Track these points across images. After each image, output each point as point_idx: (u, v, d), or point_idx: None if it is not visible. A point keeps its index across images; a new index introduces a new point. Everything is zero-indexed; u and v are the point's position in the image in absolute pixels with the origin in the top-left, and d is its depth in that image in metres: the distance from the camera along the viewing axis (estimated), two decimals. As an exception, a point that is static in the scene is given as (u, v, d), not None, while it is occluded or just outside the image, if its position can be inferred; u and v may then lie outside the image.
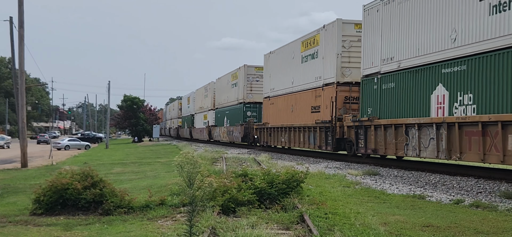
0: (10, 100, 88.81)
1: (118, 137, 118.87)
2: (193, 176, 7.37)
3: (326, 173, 19.53)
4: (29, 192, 13.65)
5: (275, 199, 11.64)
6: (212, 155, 29.80)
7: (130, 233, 9.19)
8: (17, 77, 31.15)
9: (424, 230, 9.19)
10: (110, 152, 48.31)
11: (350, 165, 23.36)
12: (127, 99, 73.65)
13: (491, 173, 17.14)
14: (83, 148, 56.28)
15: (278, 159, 28.82)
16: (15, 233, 9.45)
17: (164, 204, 11.50)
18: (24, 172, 25.34)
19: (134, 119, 72.85)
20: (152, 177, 19.91)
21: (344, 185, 16.04)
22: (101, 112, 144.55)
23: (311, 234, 8.58)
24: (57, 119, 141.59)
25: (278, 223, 9.73)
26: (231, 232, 8.50)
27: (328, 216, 10.08)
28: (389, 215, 10.72)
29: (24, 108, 29.06)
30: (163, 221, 10.26)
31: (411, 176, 18.03)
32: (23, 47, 28.61)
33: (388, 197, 13.56)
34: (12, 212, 11.77)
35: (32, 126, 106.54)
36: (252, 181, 12.42)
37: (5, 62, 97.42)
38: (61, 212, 11.14)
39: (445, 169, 18.77)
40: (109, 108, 71.69)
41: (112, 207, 11.00)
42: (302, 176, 12.67)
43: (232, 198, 11.02)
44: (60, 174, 12.11)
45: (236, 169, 17.78)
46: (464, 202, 12.50)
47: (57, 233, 9.32)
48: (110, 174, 21.58)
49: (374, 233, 8.64)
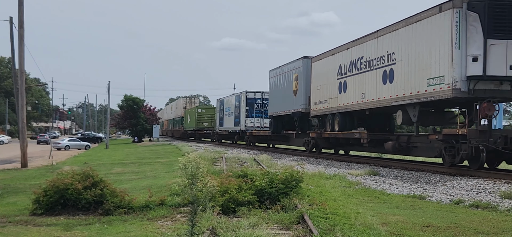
0: (10, 100, 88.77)
1: (118, 137, 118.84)
2: (196, 177, 7.44)
3: (326, 173, 19.52)
4: (29, 192, 13.64)
5: (275, 199, 11.64)
6: (212, 155, 29.79)
7: (130, 233, 9.19)
8: (17, 77, 31.15)
9: (424, 230, 9.19)
10: (110, 152, 48.31)
11: (350, 165, 23.37)
12: (127, 99, 73.67)
13: (491, 173, 17.13)
14: (83, 148, 56.25)
15: (278, 159, 28.83)
16: (15, 233, 9.45)
17: (164, 204, 11.50)
18: (24, 172, 25.34)
19: (134, 118, 72.84)
20: (152, 177, 19.91)
21: (344, 185, 16.04)
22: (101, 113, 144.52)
23: (311, 234, 8.58)
24: (57, 119, 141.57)
25: (278, 223, 9.73)
26: (231, 232, 8.50)
27: (328, 216, 10.07)
28: (389, 215, 10.72)
29: (24, 109, 29.05)
30: (163, 221, 10.26)
31: (411, 176, 18.03)
32: (23, 47, 28.61)
33: (388, 197, 13.56)
34: (12, 212, 11.77)
35: (32, 126, 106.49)
36: (252, 180, 12.41)
37: (5, 62, 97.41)
38: (61, 212, 11.14)
39: (445, 169, 18.77)
40: (109, 108, 71.67)
41: (112, 207, 11.00)
42: (300, 175, 12.65)
43: (232, 198, 11.03)
44: (60, 174, 12.11)
45: (236, 169, 17.79)
46: (464, 202, 12.50)
47: (57, 233, 9.32)
48: (110, 174, 21.58)
49: (374, 233, 8.64)
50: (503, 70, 16.77)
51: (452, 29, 16.91)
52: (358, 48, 23.92)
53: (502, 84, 17.13)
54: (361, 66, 23.46)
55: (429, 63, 18.34)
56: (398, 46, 20.42)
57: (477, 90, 17.02)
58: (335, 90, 26.14)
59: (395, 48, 20.66)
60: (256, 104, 42.84)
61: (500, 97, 17.66)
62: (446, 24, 17.30)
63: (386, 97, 21.25)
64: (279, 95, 34.57)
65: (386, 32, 21.47)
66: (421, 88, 18.76)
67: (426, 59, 18.52)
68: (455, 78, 16.98)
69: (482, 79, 16.79)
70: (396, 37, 20.61)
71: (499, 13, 16.66)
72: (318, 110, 28.40)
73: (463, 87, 16.98)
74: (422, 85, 18.71)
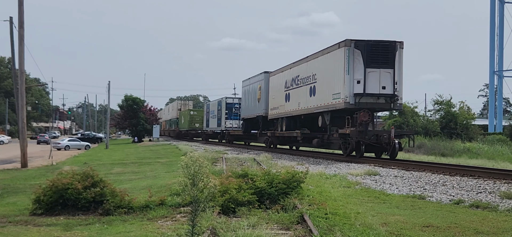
0: (10, 100, 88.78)
1: (118, 137, 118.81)
2: (198, 177, 7.42)
3: (326, 173, 19.51)
4: (29, 192, 13.64)
5: (275, 199, 11.63)
6: (212, 155, 29.78)
7: (130, 233, 9.19)
8: (17, 77, 31.15)
9: (424, 230, 9.19)
10: (110, 152, 48.30)
11: (350, 165, 23.38)
12: (127, 98, 73.75)
13: (491, 173, 17.15)
14: (83, 148, 56.27)
15: (278, 159, 28.82)
16: (15, 233, 9.45)
17: (164, 204, 11.48)
18: (24, 172, 25.35)
19: (135, 118, 72.87)
20: (152, 177, 19.91)
21: (344, 185, 16.02)
22: (101, 113, 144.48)
23: (311, 234, 8.58)
24: (57, 119, 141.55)
25: (278, 223, 9.72)
26: (231, 232, 8.50)
27: (328, 216, 10.07)
28: (389, 215, 10.71)
29: (24, 109, 29.06)
30: (163, 221, 10.25)
31: (411, 176, 18.02)
32: (23, 47, 28.61)
33: (388, 197, 13.54)
34: (12, 212, 11.77)
35: (32, 126, 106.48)
36: (253, 180, 12.41)
37: (5, 62, 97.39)
38: (61, 212, 11.13)
39: (445, 169, 18.77)
40: (109, 108, 71.69)
41: (112, 207, 10.99)
42: (302, 176, 12.66)
43: (232, 198, 11.01)
44: (60, 174, 12.11)
45: (236, 169, 17.77)
46: (464, 202, 12.48)
47: (57, 233, 9.32)
48: (110, 174, 21.58)
49: (374, 233, 8.64)
50: (377, 89, 24.43)
51: (345, 61, 24.48)
52: (297, 68, 31.62)
53: (378, 98, 24.74)
54: (298, 82, 31.26)
55: (333, 83, 25.91)
56: (318, 70, 28.17)
57: (361, 103, 24.48)
58: (283, 100, 33.94)
59: (316, 71, 28.37)
60: (234, 109, 49.73)
61: (378, 108, 25.92)
62: (341, 57, 24.73)
63: (312, 106, 28.99)
64: (248, 102, 42.55)
65: (312, 58, 29.10)
66: (329, 100, 26.35)
67: (331, 80, 26.10)
68: (346, 95, 24.49)
69: (363, 95, 24.33)
70: (317, 62, 28.29)
71: (373, 50, 24.30)
72: (273, 115, 36.21)
73: (351, 101, 24.47)
74: (329, 98, 26.29)
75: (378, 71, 24.22)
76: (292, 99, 32.10)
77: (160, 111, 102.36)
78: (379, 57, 24.22)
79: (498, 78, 66.85)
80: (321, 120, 28.29)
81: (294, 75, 31.83)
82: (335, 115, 27.11)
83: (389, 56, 24.31)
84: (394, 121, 48.19)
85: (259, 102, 39.22)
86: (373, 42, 24.30)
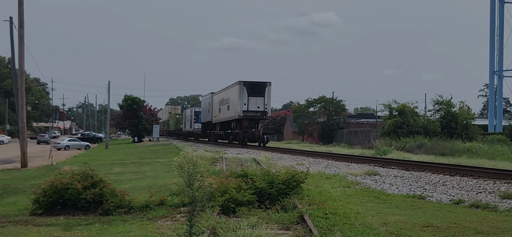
0: (10, 100, 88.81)
1: (118, 137, 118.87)
2: (193, 177, 7.35)
3: (326, 173, 19.51)
4: (29, 192, 13.63)
5: (275, 199, 11.62)
6: (212, 155, 29.79)
7: (130, 233, 9.19)
8: (17, 77, 31.15)
9: (424, 230, 9.18)
10: (110, 152, 48.32)
11: (350, 165, 23.39)
12: (127, 98, 73.80)
13: (491, 173, 17.15)
14: (83, 148, 56.30)
15: (278, 159, 28.82)
16: (15, 233, 9.45)
17: (164, 204, 11.48)
18: (24, 172, 25.35)
19: (135, 118, 72.92)
20: (152, 177, 19.90)
21: (344, 185, 16.02)
22: (101, 113, 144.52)
23: (311, 234, 8.57)
24: (57, 119, 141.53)
25: (278, 223, 9.72)
26: (231, 232, 8.49)
27: (328, 216, 10.07)
28: (389, 215, 10.71)
29: (24, 108, 29.06)
30: (163, 221, 10.25)
31: (411, 176, 18.03)
32: (23, 47, 28.62)
33: (388, 197, 13.54)
34: (12, 212, 11.77)
35: (32, 126, 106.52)
36: (253, 181, 12.40)
37: (5, 62, 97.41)
38: (61, 212, 11.13)
39: (445, 169, 18.78)
40: (109, 108, 71.71)
41: (112, 207, 10.99)
42: (303, 176, 12.66)
43: (231, 198, 11.00)
44: (60, 174, 12.10)
45: (236, 169, 17.77)
46: (464, 202, 12.49)
47: (57, 233, 9.32)
48: (110, 174, 21.57)
49: (374, 233, 8.64)
50: (255, 108, 43.65)
51: (239, 92, 43.51)
52: (223, 93, 50.97)
53: (256, 113, 43.92)
54: (223, 101, 50.48)
55: (235, 104, 44.91)
56: (229, 96, 47.66)
57: (246, 116, 43.86)
58: (218, 112, 53.60)
59: (229, 96, 47.78)
60: (201, 115, 68.23)
61: (255, 118, 44.81)
62: (238, 90, 43.68)
63: (228, 116, 48.36)
64: (204, 111, 63.98)
65: (227, 89, 48.76)
66: (234, 114, 45.17)
67: (234, 102, 44.95)
68: (239, 111, 43.55)
69: (247, 111, 43.51)
70: (229, 92, 47.68)
71: (253, 87, 43.63)
72: (214, 121, 56.24)
73: (241, 114, 43.58)
74: (234, 113, 45.20)
75: (255, 98, 43.55)
76: (221, 112, 51.78)
77: (160, 111, 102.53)
78: (256, 90, 43.52)
79: (498, 78, 66.81)
80: (232, 124, 48.39)
81: (222, 97, 51.47)
82: (239, 122, 45.82)
83: (262, 90, 43.61)
84: (394, 121, 48.27)
85: (208, 112, 59.41)
86: (253, 82, 43.92)
